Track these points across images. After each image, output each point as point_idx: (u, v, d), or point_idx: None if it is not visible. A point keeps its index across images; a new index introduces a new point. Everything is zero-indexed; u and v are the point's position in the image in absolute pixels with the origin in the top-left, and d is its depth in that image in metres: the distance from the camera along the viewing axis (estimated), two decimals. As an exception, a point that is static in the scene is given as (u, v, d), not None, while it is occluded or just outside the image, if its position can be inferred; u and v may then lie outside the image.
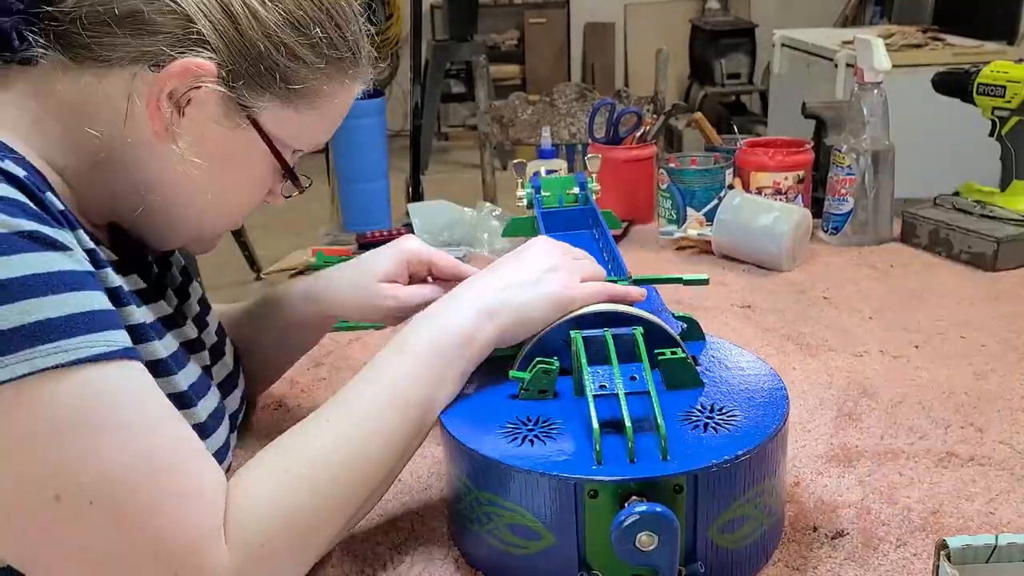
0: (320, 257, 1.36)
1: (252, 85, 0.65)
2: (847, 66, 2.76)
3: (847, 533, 0.69)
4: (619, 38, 5.84)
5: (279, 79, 0.66)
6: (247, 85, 0.65)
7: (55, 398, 0.52)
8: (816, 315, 1.12)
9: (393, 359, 0.69)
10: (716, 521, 0.60)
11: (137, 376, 0.57)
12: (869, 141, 1.33)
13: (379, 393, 0.67)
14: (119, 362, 0.55)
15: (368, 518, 0.73)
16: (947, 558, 0.53)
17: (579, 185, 1.10)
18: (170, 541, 0.55)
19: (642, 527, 0.54)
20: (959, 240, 1.28)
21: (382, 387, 0.67)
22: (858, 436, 0.83)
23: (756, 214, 1.28)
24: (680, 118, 4.28)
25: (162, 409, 0.58)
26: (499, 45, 5.82)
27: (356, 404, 0.66)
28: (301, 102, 0.68)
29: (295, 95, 0.67)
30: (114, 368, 0.55)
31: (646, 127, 1.54)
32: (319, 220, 3.60)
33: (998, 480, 0.76)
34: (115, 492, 0.54)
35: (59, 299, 0.53)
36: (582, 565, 0.60)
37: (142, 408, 0.56)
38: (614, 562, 0.58)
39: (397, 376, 0.67)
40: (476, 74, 2.30)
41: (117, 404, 0.55)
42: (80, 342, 0.53)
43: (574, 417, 0.66)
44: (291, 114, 0.68)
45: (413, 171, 1.84)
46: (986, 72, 1.37)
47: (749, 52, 5.07)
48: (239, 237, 3.47)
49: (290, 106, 0.67)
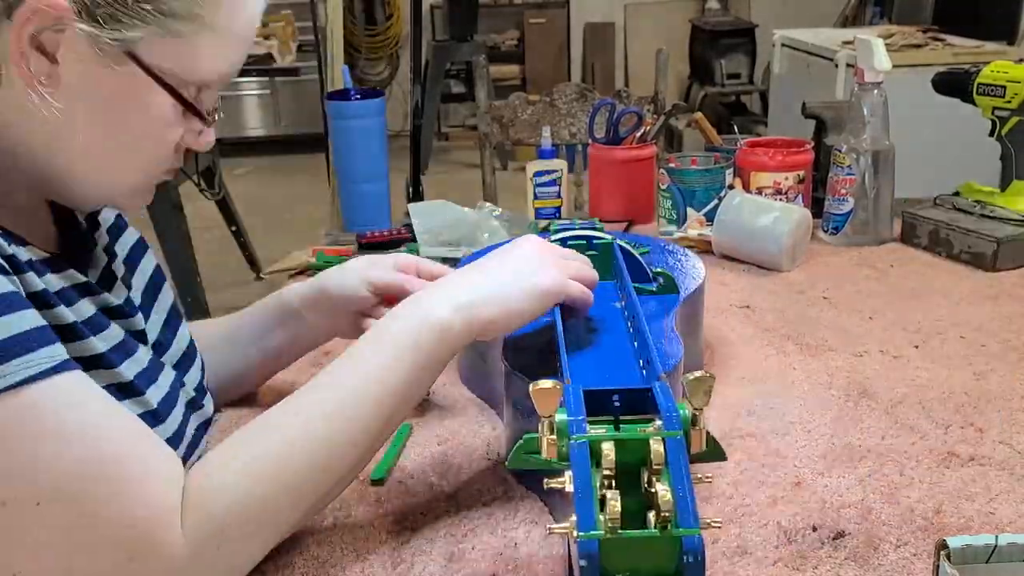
0: (320, 257, 1.36)
1: (117, 16, 0.60)
2: (847, 66, 2.77)
3: (847, 533, 0.69)
4: (619, 38, 5.84)
5: (144, 4, 0.61)
6: (112, 16, 0.60)
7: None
8: (816, 315, 1.12)
9: (371, 349, 0.68)
10: None
11: (75, 383, 0.58)
12: (869, 141, 1.33)
13: (354, 382, 0.66)
14: (58, 376, 0.57)
15: (369, 517, 0.73)
16: (947, 558, 0.53)
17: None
18: (124, 527, 0.56)
19: None
20: (959, 240, 1.28)
21: (358, 377, 0.67)
22: (858, 436, 0.83)
23: (756, 214, 1.28)
24: (680, 118, 4.28)
25: (103, 407, 0.59)
26: (499, 45, 5.82)
27: (329, 393, 0.66)
28: (182, 26, 0.62)
29: (171, 19, 0.62)
30: (54, 382, 0.56)
31: (646, 127, 1.54)
32: (319, 220, 3.59)
33: (998, 480, 0.76)
34: (62, 489, 0.55)
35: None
36: None
37: (83, 410, 0.57)
38: None
39: (373, 366, 0.67)
40: (476, 74, 2.29)
41: (58, 413, 0.56)
42: (17, 365, 0.54)
43: None
44: (176, 42, 0.63)
45: (413, 171, 1.84)
46: (986, 72, 1.37)
47: (749, 52, 5.07)
48: (239, 237, 3.47)
49: (170, 33, 0.62)
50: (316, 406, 0.66)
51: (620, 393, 0.57)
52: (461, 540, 0.70)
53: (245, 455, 0.62)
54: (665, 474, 0.48)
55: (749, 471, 0.77)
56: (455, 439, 0.85)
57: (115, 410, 0.60)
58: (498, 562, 0.67)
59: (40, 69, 0.60)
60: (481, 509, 0.74)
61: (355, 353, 0.68)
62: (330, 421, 0.65)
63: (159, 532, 0.57)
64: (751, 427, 0.85)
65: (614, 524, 0.45)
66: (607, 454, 0.48)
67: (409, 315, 0.70)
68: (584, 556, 0.44)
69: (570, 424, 0.51)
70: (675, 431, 0.50)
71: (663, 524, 0.45)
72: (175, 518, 0.58)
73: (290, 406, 0.66)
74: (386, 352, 0.68)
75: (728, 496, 0.74)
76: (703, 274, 0.96)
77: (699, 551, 0.45)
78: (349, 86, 1.58)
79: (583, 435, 0.50)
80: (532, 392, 0.51)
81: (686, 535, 0.45)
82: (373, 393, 0.66)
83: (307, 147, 5.07)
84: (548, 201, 1.54)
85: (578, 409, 0.52)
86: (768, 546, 0.68)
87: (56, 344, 0.58)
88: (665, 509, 0.45)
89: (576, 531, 0.45)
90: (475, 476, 0.79)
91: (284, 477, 0.62)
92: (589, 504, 0.46)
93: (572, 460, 0.49)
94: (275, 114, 5.60)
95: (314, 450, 0.64)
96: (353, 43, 5.52)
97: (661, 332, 0.80)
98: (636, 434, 0.51)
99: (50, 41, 0.60)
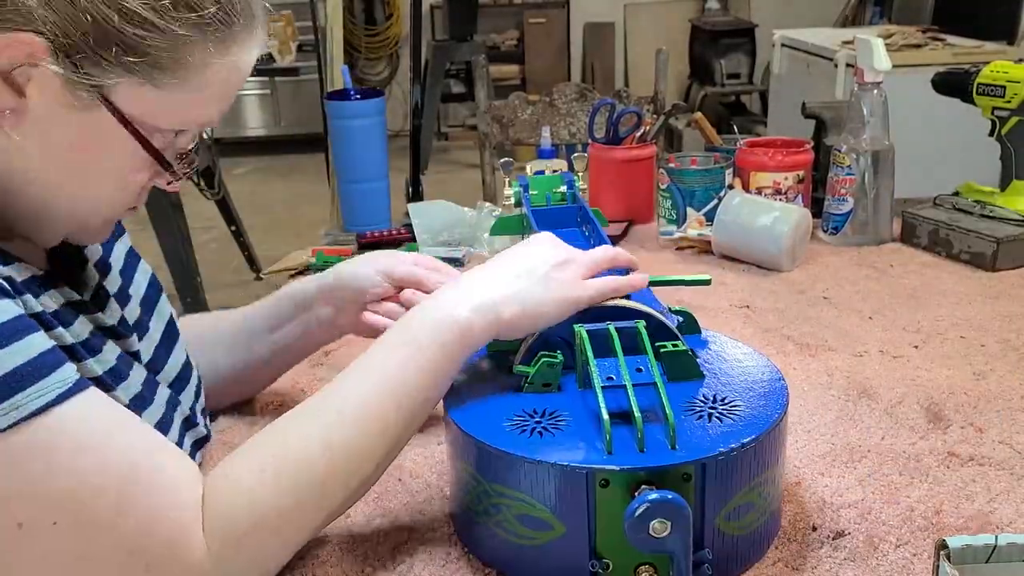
0: (320, 257, 1.36)
1: (94, 59, 0.57)
2: (847, 66, 2.76)
3: (847, 533, 0.69)
4: (619, 38, 5.84)
5: (124, 51, 0.58)
6: (87, 60, 0.57)
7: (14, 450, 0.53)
8: (816, 315, 1.12)
9: (396, 349, 0.67)
10: (723, 509, 0.61)
11: (88, 402, 0.58)
12: (869, 141, 1.33)
13: (377, 384, 0.65)
14: (72, 398, 0.56)
15: (369, 517, 0.73)
16: (947, 558, 0.53)
17: (567, 183, 1.10)
18: (144, 536, 0.56)
19: (655, 514, 0.55)
20: (959, 240, 1.28)
21: (381, 377, 0.65)
22: (858, 436, 0.83)
23: (756, 214, 1.28)
24: (680, 118, 4.28)
25: (117, 421, 0.59)
26: (499, 45, 5.82)
27: (345, 399, 0.65)
28: (161, 76, 0.60)
29: (150, 68, 0.59)
30: (69, 404, 0.56)
31: (646, 127, 1.54)
32: (319, 220, 3.60)
33: (998, 480, 0.76)
34: (77, 505, 0.55)
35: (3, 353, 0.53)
36: (592, 554, 0.60)
37: (98, 427, 0.57)
38: (624, 550, 0.58)
39: (397, 366, 0.66)
40: (476, 74, 2.29)
41: (76, 434, 0.56)
42: (29, 394, 0.54)
43: (579, 409, 0.66)
44: (152, 90, 0.60)
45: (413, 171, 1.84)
46: (986, 72, 1.37)
47: (749, 52, 5.07)
48: (239, 237, 3.47)
49: (148, 81, 0.59)
50: (335, 409, 0.64)
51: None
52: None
53: (264, 460, 0.62)
54: None
55: (749, 471, 0.77)
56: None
57: (129, 422, 0.60)
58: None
59: (5, 102, 0.58)
60: (481, 509, 0.73)
61: (373, 354, 0.67)
62: (350, 424, 0.63)
63: (181, 541, 0.57)
64: (751, 427, 0.85)
65: None
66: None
67: (429, 315, 0.68)
68: None
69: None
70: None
71: None
72: (196, 526, 0.58)
73: (308, 409, 0.65)
74: (406, 352, 0.66)
75: (728, 496, 0.74)
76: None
77: None
78: (349, 86, 1.58)
79: None
80: None
81: None
82: (393, 394, 0.65)
83: (307, 147, 5.07)
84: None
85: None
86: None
87: (66, 365, 0.57)
88: None
89: None
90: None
91: (305, 482, 0.62)
92: None
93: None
94: (275, 114, 5.61)
95: (335, 453, 0.63)
96: (353, 43, 5.52)
97: None
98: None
99: (21, 76, 0.58)
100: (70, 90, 0.58)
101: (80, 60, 0.57)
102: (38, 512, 0.54)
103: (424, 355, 0.66)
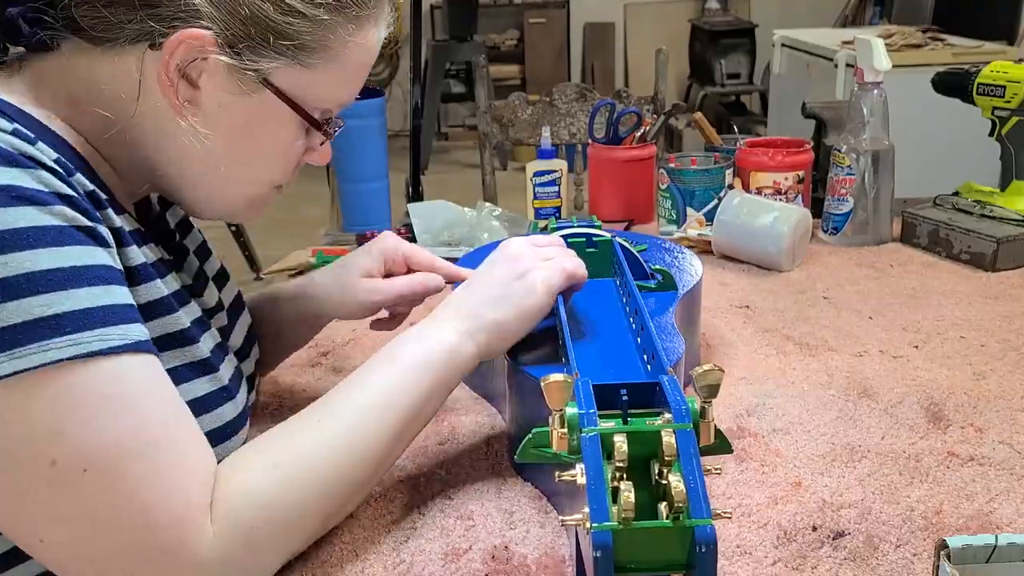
0: (320, 257, 1.36)
1: (254, 48, 0.65)
2: (847, 66, 2.76)
3: (847, 533, 0.69)
4: (619, 38, 5.84)
5: (279, 38, 0.65)
6: (249, 48, 0.65)
7: (66, 386, 0.55)
8: (816, 315, 1.12)
9: (384, 368, 0.71)
10: None
11: (144, 365, 0.60)
12: (869, 141, 1.33)
13: (369, 399, 0.69)
14: (130, 355, 0.58)
15: (368, 516, 0.73)
16: (947, 558, 0.53)
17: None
18: (157, 513, 0.57)
19: None
20: (959, 240, 1.28)
21: (372, 393, 0.70)
22: (858, 436, 0.83)
23: (756, 214, 1.28)
24: (680, 118, 4.28)
25: (164, 394, 0.61)
26: (499, 45, 5.82)
27: (346, 408, 0.69)
28: (311, 58, 0.68)
29: (301, 52, 0.67)
30: (125, 359, 0.58)
31: (646, 127, 1.54)
32: (319, 220, 3.59)
33: (998, 480, 0.76)
34: (109, 462, 0.56)
35: (79, 293, 0.56)
36: None
37: (144, 392, 0.59)
38: None
39: (386, 384, 0.70)
40: (476, 74, 2.29)
41: (121, 387, 0.57)
42: (94, 336, 0.56)
43: None
44: (304, 72, 0.68)
45: (413, 171, 1.84)
46: (986, 72, 1.37)
47: (749, 52, 5.07)
48: (239, 237, 3.47)
49: (300, 64, 0.67)
50: (337, 416, 0.68)
51: (627, 387, 0.57)
52: (460, 539, 0.70)
53: (271, 460, 0.64)
54: (676, 466, 0.48)
55: (749, 471, 0.78)
56: (455, 438, 0.85)
57: (174, 401, 0.62)
58: (497, 561, 0.67)
59: (184, 95, 0.65)
60: (480, 508, 0.74)
61: (370, 370, 0.71)
62: (351, 435, 0.67)
63: (189, 526, 0.58)
64: (751, 427, 0.85)
65: (628, 515, 0.45)
66: (619, 446, 0.49)
67: (422, 338, 0.73)
68: (598, 547, 0.45)
69: (581, 417, 0.52)
70: (686, 424, 0.51)
71: (676, 515, 0.46)
72: (206, 515, 0.59)
73: (312, 414, 0.69)
74: (399, 372, 0.71)
75: (728, 496, 0.74)
76: (700, 271, 0.97)
77: (712, 541, 0.45)
78: (349, 86, 1.58)
79: (595, 428, 0.50)
80: (544, 386, 0.51)
81: (699, 525, 0.46)
82: (390, 407, 0.69)
83: (307, 147, 5.06)
84: (548, 201, 1.54)
85: (588, 402, 0.53)
86: (768, 546, 0.68)
87: (134, 324, 0.59)
88: (678, 500, 0.46)
89: (590, 523, 0.45)
90: (475, 475, 0.79)
91: (309, 483, 0.65)
92: (602, 496, 0.46)
93: (584, 452, 0.49)
94: (275, 114, 5.60)
95: (337, 458, 0.66)
96: (353, 43, 5.51)
97: (662, 328, 0.81)
98: (648, 427, 0.51)
99: (193, 69, 0.65)
100: (235, 77, 0.66)
101: (242, 49, 0.65)
102: (73, 454, 0.55)
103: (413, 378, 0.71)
